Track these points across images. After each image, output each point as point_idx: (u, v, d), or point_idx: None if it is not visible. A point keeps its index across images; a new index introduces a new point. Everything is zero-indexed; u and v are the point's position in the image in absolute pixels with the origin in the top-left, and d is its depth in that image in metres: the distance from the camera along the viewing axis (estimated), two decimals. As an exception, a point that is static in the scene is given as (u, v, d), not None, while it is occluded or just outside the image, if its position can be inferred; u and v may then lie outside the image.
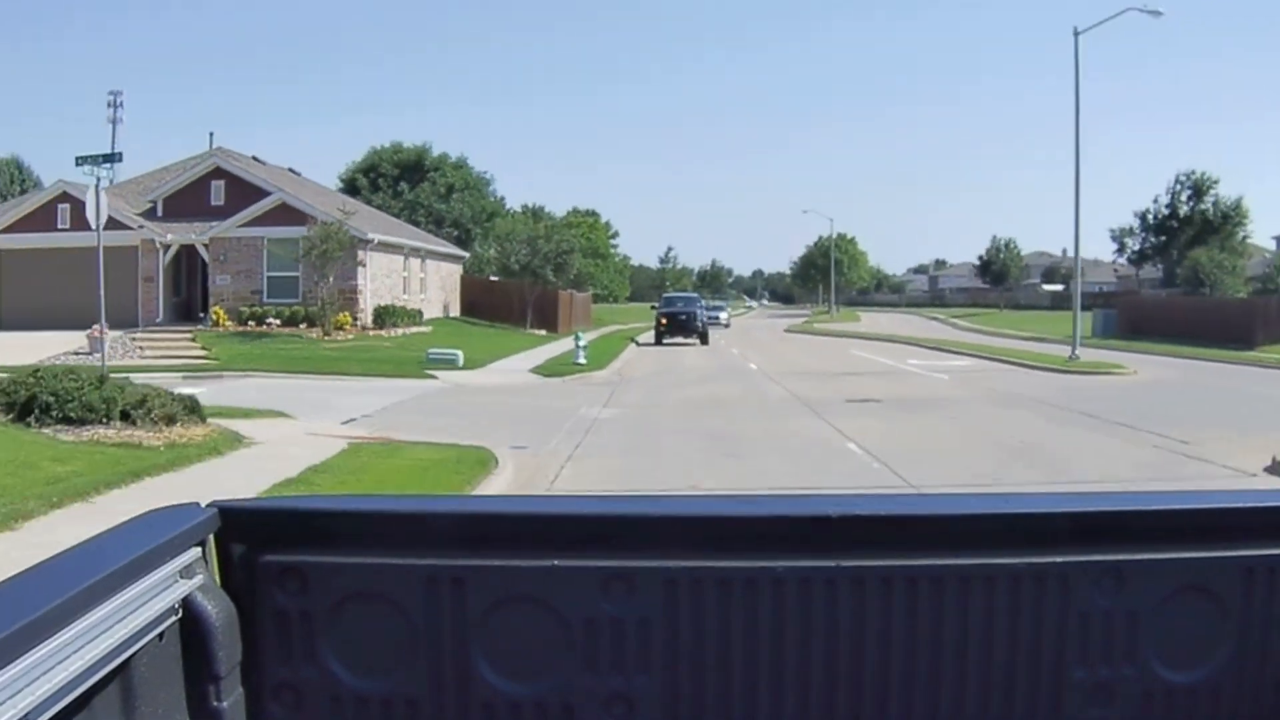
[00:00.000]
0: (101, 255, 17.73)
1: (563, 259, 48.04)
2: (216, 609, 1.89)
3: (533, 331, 45.35)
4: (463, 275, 50.53)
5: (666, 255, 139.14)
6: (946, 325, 65.73)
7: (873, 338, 48.69)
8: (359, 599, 2.01)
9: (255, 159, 40.97)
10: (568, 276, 50.80)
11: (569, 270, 49.44)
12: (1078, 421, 17.07)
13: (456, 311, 47.51)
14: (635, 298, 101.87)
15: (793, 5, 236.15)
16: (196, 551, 1.90)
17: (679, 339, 42.16)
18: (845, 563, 2.02)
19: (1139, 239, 63.37)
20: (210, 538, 1.98)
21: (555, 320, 47.73)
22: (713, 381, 24.97)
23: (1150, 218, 61.90)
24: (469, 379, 24.53)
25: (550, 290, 48.70)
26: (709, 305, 60.04)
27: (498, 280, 51.41)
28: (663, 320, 43.03)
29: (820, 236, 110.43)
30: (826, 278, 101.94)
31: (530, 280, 47.34)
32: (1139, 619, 2.06)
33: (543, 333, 45.45)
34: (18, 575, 1.55)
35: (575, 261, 50.21)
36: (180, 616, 1.83)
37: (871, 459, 12.88)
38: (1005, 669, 2.05)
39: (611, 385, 24.13)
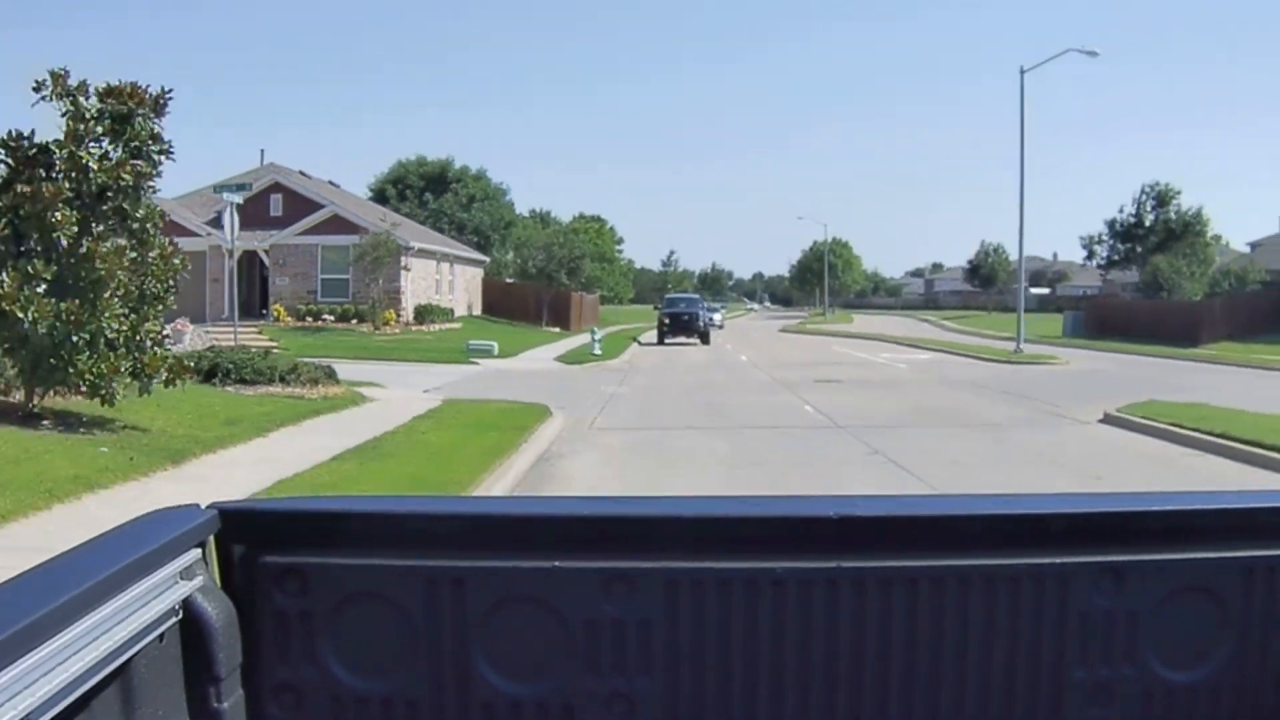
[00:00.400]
0: (229, 262, 22.59)
1: (575, 264, 53.10)
2: (217, 610, 1.89)
3: (548, 329, 50.24)
4: (484, 278, 55.54)
5: (668, 259, 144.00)
6: (934, 326, 69.79)
7: (857, 336, 53.58)
8: (359, 600, 2.02)
9: (302, 173, 45.91)
10: (579, 279, 55.82)
11: (581, 274, 54.47)
12: (989, 395, 21.97)
13: (478, 311, 52.46)
14: (638, 300, 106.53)
15: (792, 6, 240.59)
16: (197, 553, 1.90)
17: (681, 338, 44.27)
18: (845, 563, 2.03)
19: (1107, 246, 68.61)
20: (210, 539, 1.98)
21: (568, 319, 52.66)
22: (708, 370, 29.88)
23: (1117, 226, 67.19)
24: (505, 365, 29.42)
25: (563, 292, 53.69)
26: (707, 306, 64.27)
27: (514, 282, 56.48)
28: (665, 320, 45.41)
29: (815, 241, 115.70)
30: (822, 281, 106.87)
31: (546, 283, 52.35)
32: (1139, 619, 2.06)
33: (557, 330, 50.35)
34: (18, 576, 1.56)
35: (587, 266, 55.24)
36: (180, 618, 1.82)
37: (817, 413, 17.78)
38: (1005, 669, 2.05)
39: (624, 371, 29.00)
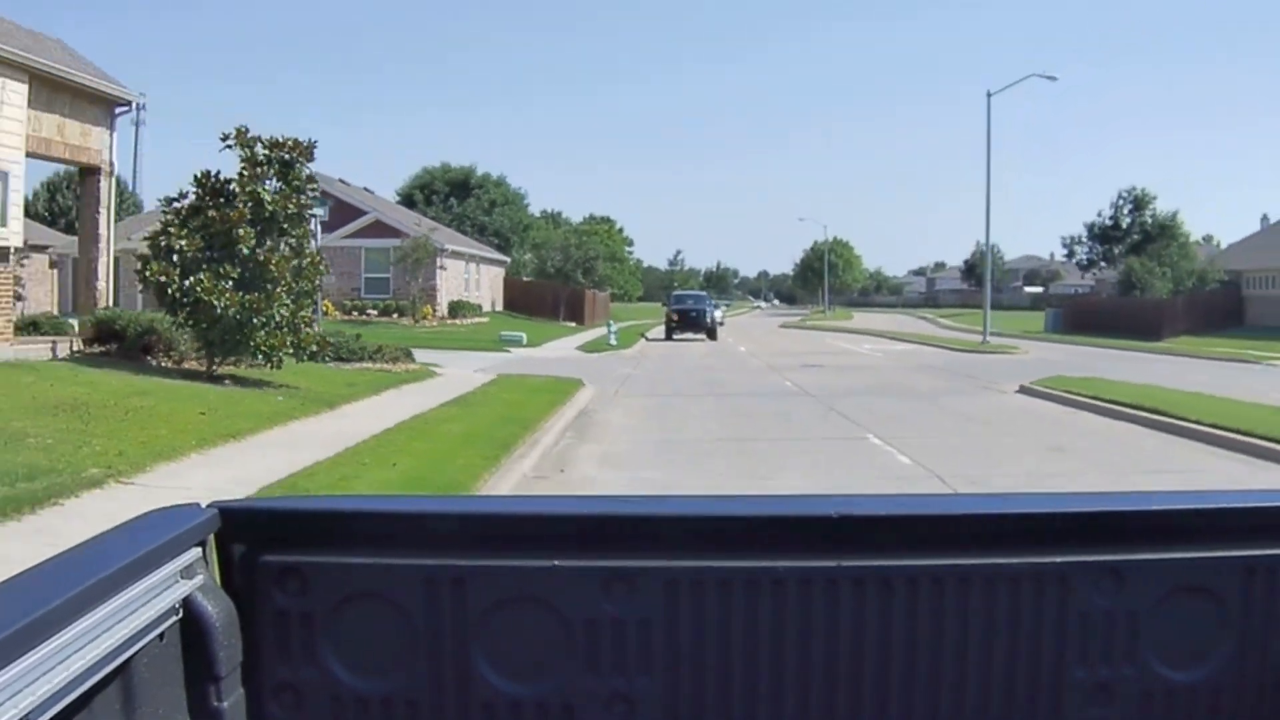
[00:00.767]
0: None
1: (590, 264, 57.58)
2: (217, 609, 1.90)
3: (564, 324, 54.68)
4: (505, 277, 60.03)
5: (675, 258, 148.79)
6: (928, 323, 74.09)
7: (850, 331, 57.99)
8: (360, 599, 2.03)
9: (342, 180, 50.34)
10: (593, 278, 60.29)
11: (595, 273, 58.95)
12: (942, 376, 26.37)
13: (500, 307, 56.93)
14: (646, 297, 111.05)
15: (792, 7, 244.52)
16: (197, 552, 1.90)
17: (689, 334, 45.85)
18: (846, 563, 2.03)
19: (1086, 247, 72.93)
20: (211, 538, 1.98)
21: (582, 314, 57.12)
22: (709, 357, 34.30)
23: (1095, 229, 71.50)
24: (534, 353, 33.84)
25: (578, 290, 58.16)
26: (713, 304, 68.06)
27: (532, 281, 60.96)
28: (674, 316, 47.01)
29: (816, 241, 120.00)
30: (824, 280, 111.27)
31: (563, 281, 56.84)
32: (1139, 619, 2.07)
33: (573, 325, 54.78)
34: (18, 575, 1.56)
35: (600, 266, 59.73)
36: (181, 617, 1.83)
37: (795, 387, 22.20)
38: (1005, 669, 2.06)
39: (636, 359, 33.41)
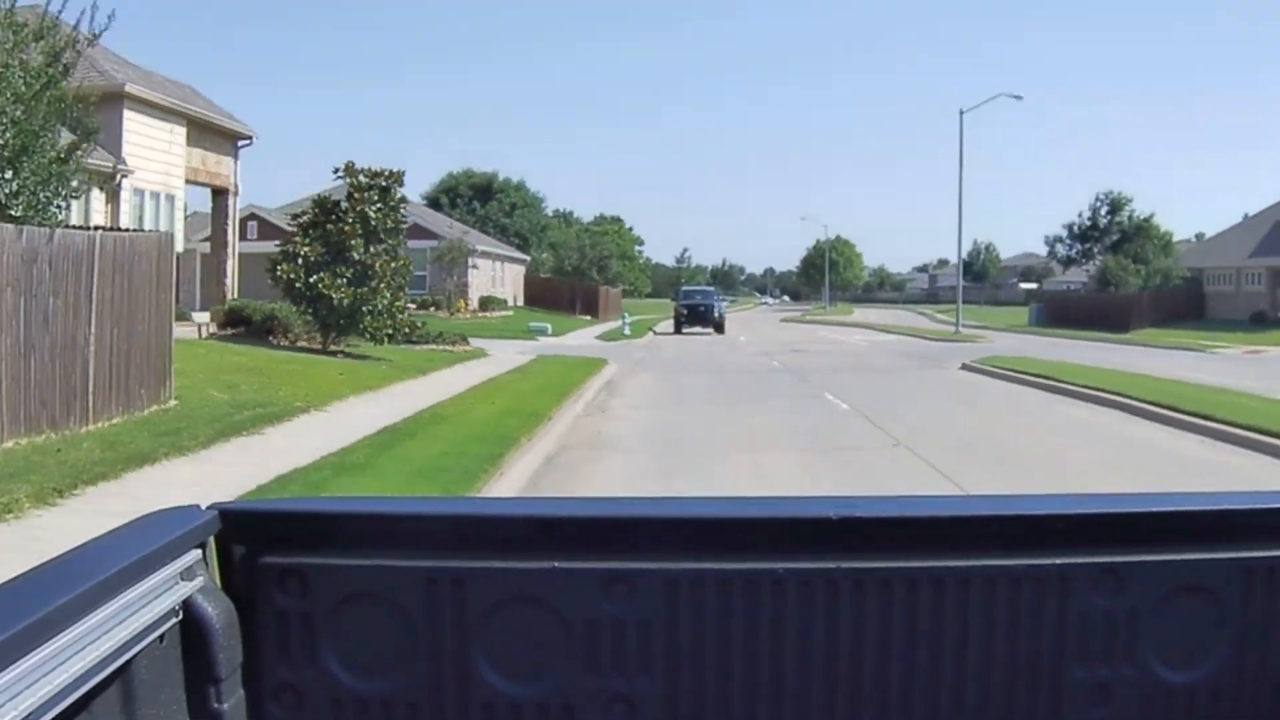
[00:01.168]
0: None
1: (604, 262, 62.61)
2: (217, 611, 1.90)
3: (581, 317, 59.70)
4: (525, 274, 65.10)
5: (682, 255, 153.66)
6: (924, 317, 78.62)
7: (844, 325, 62.97)
8: (360, 600, 2.03)
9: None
10: (606, 275, 65.32)
11: (608, 271, 63.97)
12: (907, 358, 31.33)
13: (521, 302, 61.96)
14: (654, 294, 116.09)
15: (799, 31, 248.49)
16: (197, 553, 1.91)
17: (697, 328, 48.08)
18: (845, 564, 2.04)
19: (1066, 246, 77.93)
20: (211, 539, 1.99)
21: (597, 309, 62.14)
22: (713, 345, 39.29)
23: (1075, 229, 76.49)
24: (560, 341, 38.82)
25: (593, 286, 63.20)
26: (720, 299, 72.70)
27: (550, 277, 65.98)
28: (683, 311, 49.60)
29: (818, 240, 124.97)
30: (825, 277, 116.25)
31: (579, 278, 61.87)
32: (1139, 619, 2.07)
33: (588, 318, 59.80)
34: (18, 577, 1.57)
35: (614, 264, 64.77)
36: (181, 618, 1.83)
37: (781, 367, 27.18)
38: (1005, 670, 2.07)
39: (648, 346, 38.40)
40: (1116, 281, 67.41)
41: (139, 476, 9.50)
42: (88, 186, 12.86)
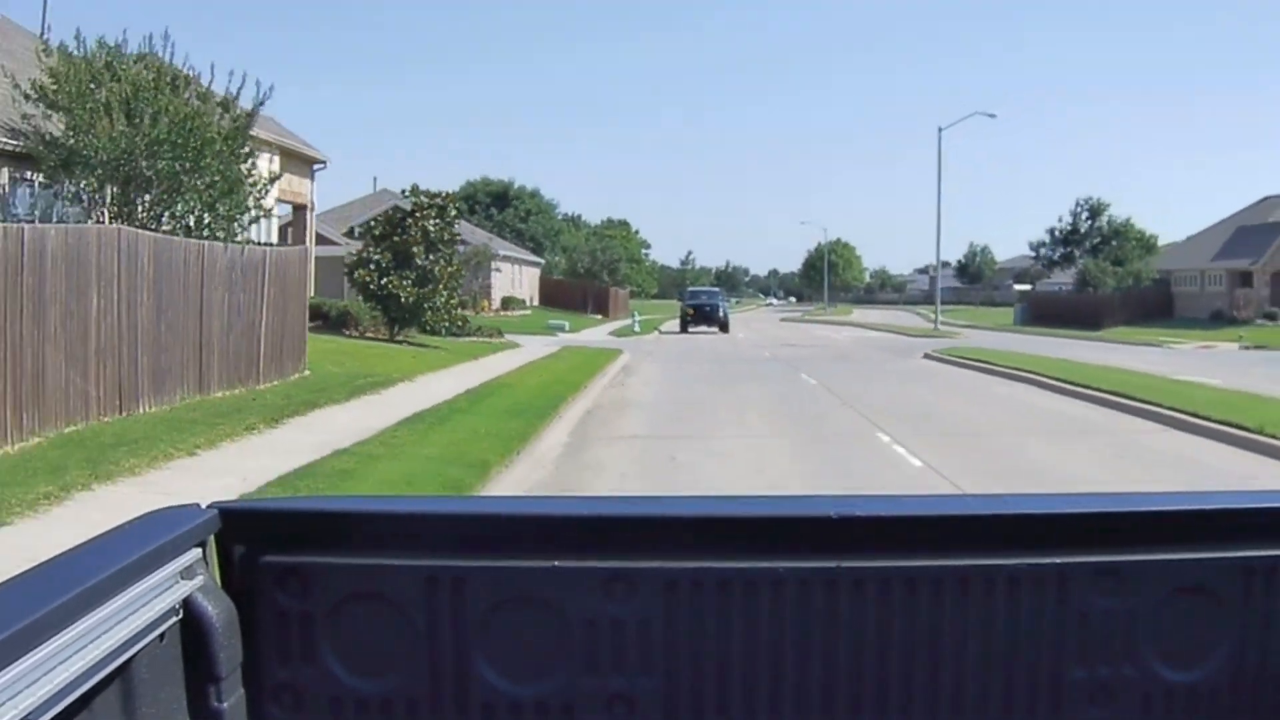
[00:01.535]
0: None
1: (614, 265, 67.27)
2: (217, 610, 1.91)
3: (593, 316, 64.27)
4: (540, 275, 69.76)
5: (687, 258, 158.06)
6: (919, 317, 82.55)
7: (838, 324, 67.51)
8: (359, 600, 2.05)
9: (404, 193, 60.04)
10: (615, 277, 69.99)
11: (618, 273, 68.63)
12: (884, 351, 35.82)
13: (537, 302, 66.56)
14: (660, 295, 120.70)
15: (802, 40, 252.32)
16: (197, 552, 1.92)
17: (702, 327, 50.73)
18: (845, 564, 2.05)
19: (1049, 250, 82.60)
20: (211, 539, 2.00)
21: (607, 308, 66.74)
22: (714, 341, 43.86)
23: (1057, 233, 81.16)
24: (577, 336, 43.35)
25: (603, 287, 67.86)
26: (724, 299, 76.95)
27: (563, 279, 70.66)
28: (689, 311, 52.63)
29: (818, 243, 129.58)
30: (825, 278, 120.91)
31: (590, 280, 66.52)
32: (1139, 619, 2.08)
33: (599, 317, 64.38)
34: (18, 576, 1.58)
35: (623, 267, 69.44)
36: (181, 618, 1.84)
37: (773, 357, 31.74)
38: (1005, 669, 2.07)
39: (656, 342, 42.97)
40: (1095, 283, 71.88)
41: (315, 415, 14.03)
42: (256, 216, 17.47)
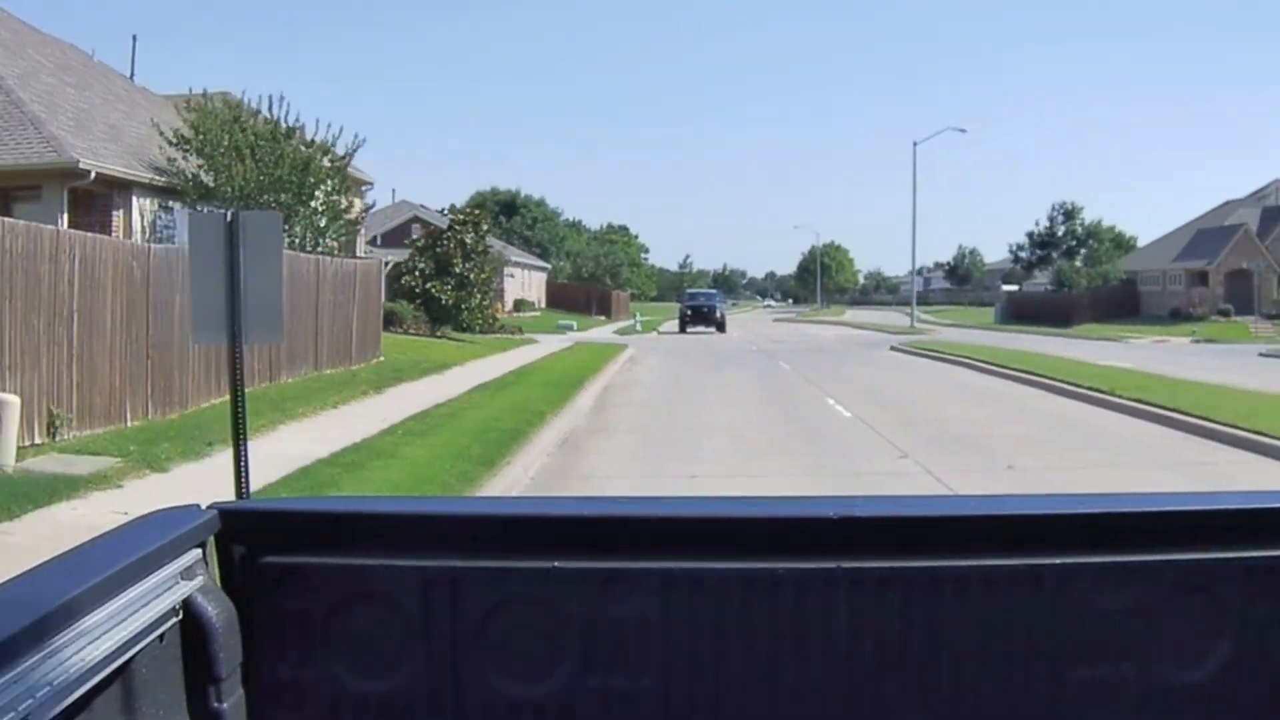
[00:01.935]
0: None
1: (616, 269, 71.88)
2: (217, 610, 1.92)
3: (597, 317, 68.82)
4: (547, 280, 74.34)
5: (685, 261, 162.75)
6: (908, 317, 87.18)
7: (826, 323, 72.09)
8: (359, 600, 2.05)
9: (422, 206, 64.54)
10: (618, 281, 74.58)
11: (619, 277, 73.22)
12: (858, 345, 40.33)
13: (544, 304, 71.09)
14: (659, 298, 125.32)
15: (800, 42, 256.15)
16: (197, 553, 1.93)
17: (700, 327, 53.34)
18: (844, 564, 2.05)
19: (1028, 252, 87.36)
20: (210, 539, 2.01)
21: (610, 310, 71.30)
22: (710, 339, 48.39)
23: (1035, 236, 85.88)
24: (585, 335, 47.81)
25: (606, 290, 72.44)
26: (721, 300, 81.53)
27: (568, 283, 75.28)
28: (687, 311, 55.33)
29: (812, 246, 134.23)
30: (818, 281, 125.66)
31: (594, 283, 71.12)
32: (1139, 619, 2.09)
33: (603, 318, 68.90)
34: (19, 576, 1.59)
35: (624, 271, 74.05)
36: (181, 618, 1.85)
37: (760, 350, 36.27)
38: (1005, 669, 2.08)
39: (657, 339, 47.49)
40: (1069, 283, 76.47)
41: (403, 386, 18.52)
42: (349, 237, 22.16)
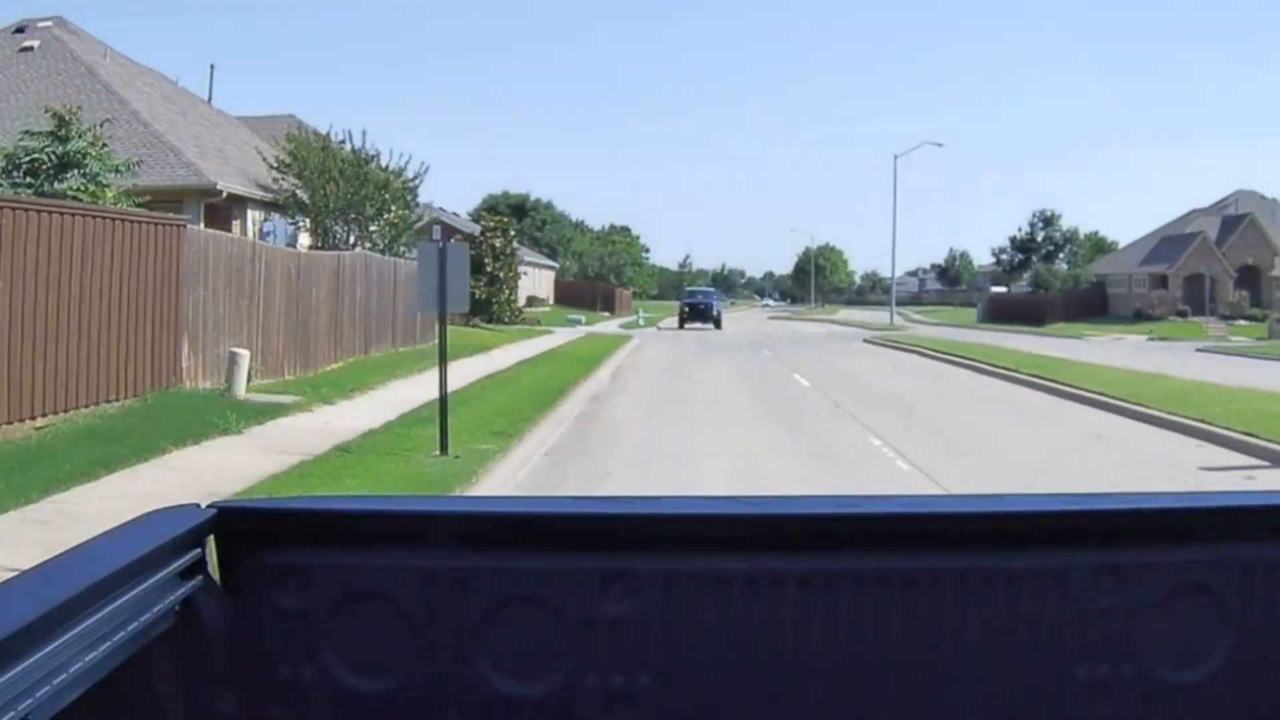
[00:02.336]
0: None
1: (620, 269, 76.77)
2: (217, 610, 1.93)
3: (602, 313, 73.67)
4: (555, 278, 79.28)
5: (684, 261, 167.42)
6: (900, 317, 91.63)
7: (817, 321, 76.87)
8: (359, 599, 2.05)
9: (442, 209, 69.34)
10: (621, 279, 79.50)
11: (623, 275, 78.13)
12: (839, 339, 45.15)
13: (553, 301, 76.01)
14: (659, 295, 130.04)
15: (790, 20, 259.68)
16: (197, 552, 1.92)
17: (697, 324, 56.30)
18: (844, 563, 2.06)
19: (1009, 256, 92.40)
20: (210, 538, 2.00)
21: (614, 306, 76.22)
22: (705, 334, 53.19)
23: (1016, 241, 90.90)
24: (594, 328, 52.49)
25: (610, 288, 77.32)
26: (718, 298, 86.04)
27: (575, 281, 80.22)
28: (685, 309, 58.62)
29: (807, 248, 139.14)
30: (813, 281, 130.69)
31: (600, 281, 76.02)
32: (1139, 619, 2.08)
33: (608, 314, 73.76)
34: (17, 577, 1.59)
35: (628, 270, 78.96)
36: (181, 618, 1.84)
37: (747, 342, 41.16)
38: (1005, 669, 2.07)
39: (657, 333, 52.28)
40: (1045, 285, 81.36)
41: (460, 361, 23.28)
42: (410, 244, 27.12)
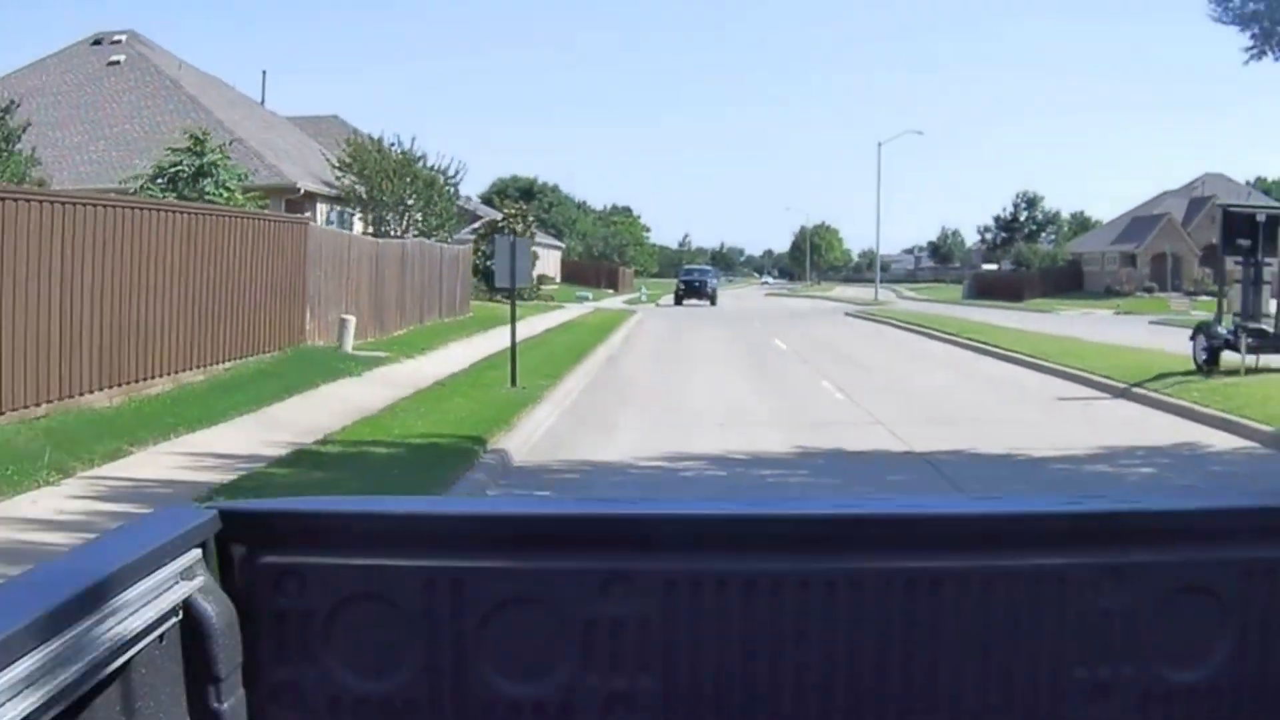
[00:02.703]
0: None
1: (623, 248, 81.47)
2: (217, 610, 1.93)
3: (606, 290, 78.32)
4: (562, 257, 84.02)
5: (684, 240, 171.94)
6: (894, 294, 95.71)
7: (810, 297, 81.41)
8: (359, 600, 2.06)
9: (467, 197, 73.88)
10: (624, 258, 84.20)
11: (625, 255, 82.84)
12: (825, 313, 49.81)
13: (560, 279, 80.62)
14: (659, 274, 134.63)
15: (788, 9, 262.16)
16: (197, 553, 1.94)
17: (694, 301, 60.38)
18: (844, 564, 2.07)
19: (993, 235, 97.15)
20: (211, 539, 2.01)
21: (617, 284, 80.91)
22: (702, 308, 57.89)
23: (1001, 221, 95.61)
24: (600, 304, 56.90)
25: (614, 266, 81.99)
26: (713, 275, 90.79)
27: (580, 260, 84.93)
28: (682, 286, 63.34)
29: (802, 226, 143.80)
30: (808, 259, 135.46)
31: (604, 261, 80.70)
32: (1139, 619, 2.09)
33: (612, 291, 78.40)
34: (18, 576, 1.61)
35: (630, 250, 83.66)
36: (181, 618, 1.85)
37: (737, 315, 45.86)
38: (1005, 669, 2.08)
39: (657, 308, 56.92)
40: (1026, 263, 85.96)
41: (496, 330, 28.00)
42: (449, 233, 31.81)
